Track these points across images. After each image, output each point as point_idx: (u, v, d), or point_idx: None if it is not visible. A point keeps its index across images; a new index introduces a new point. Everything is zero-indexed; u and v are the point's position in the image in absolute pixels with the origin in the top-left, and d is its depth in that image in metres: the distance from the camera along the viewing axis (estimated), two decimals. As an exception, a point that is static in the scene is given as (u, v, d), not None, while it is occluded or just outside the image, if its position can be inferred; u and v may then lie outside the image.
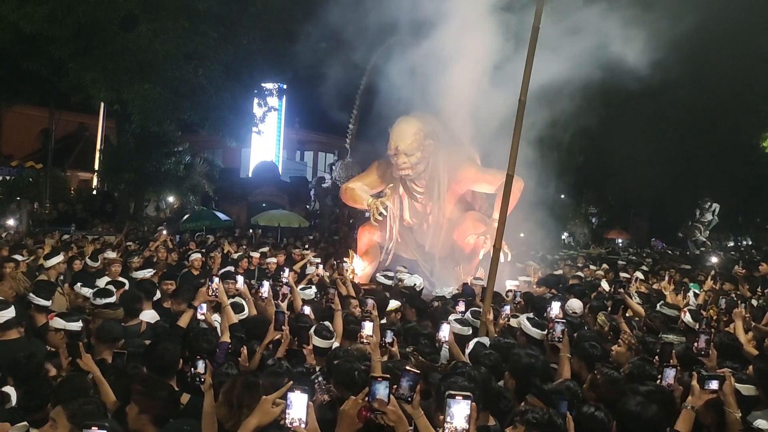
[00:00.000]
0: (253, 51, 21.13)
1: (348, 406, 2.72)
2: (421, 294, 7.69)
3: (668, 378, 3.66)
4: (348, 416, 2.70)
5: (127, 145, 23.04)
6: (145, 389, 3.21)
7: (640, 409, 2.95)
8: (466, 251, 10.04)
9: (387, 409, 2.61)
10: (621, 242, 32.36)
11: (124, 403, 3.28)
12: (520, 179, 10.21)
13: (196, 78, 19.16)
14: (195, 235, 17.57)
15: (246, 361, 3.81)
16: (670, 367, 3.73)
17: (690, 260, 20.67)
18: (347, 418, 2.70)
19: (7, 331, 4.43)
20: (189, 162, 25.32)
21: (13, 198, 21.89)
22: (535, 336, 4.95)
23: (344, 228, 24.07)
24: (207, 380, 3.41)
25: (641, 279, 10.75)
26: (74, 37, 17.77)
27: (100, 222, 22.22)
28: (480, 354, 4.30)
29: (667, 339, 4.97)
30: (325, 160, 42.44)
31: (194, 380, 3.52)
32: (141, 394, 3.18)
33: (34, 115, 30.50)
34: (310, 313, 5.54)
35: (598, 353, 4.31)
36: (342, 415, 2.74)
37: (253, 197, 27.92)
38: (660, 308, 6.62)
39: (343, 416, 2.73)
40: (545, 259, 15.16)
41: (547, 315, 5.63)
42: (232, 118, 21.33)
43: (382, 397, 2.62)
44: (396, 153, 9.68)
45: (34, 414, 3.19)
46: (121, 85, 18.32)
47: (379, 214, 9.99)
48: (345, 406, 2.75)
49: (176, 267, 9.63)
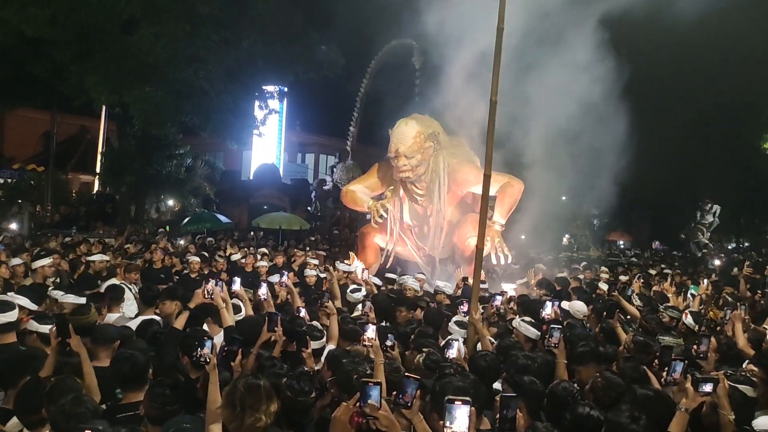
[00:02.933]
0: (254, 54, 21.18)
1: (340, 412, 2.72)
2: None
3: (676, 371, 3.65)
4: (340, 422, 2.70)
5: (129, 148, 23.07)
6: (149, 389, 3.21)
7: (630, 422, 2.93)
8: (466, 253, 10.04)
9: (378, 414, 2.61)
10: (623, 244, 32.35)
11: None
12: (520, 181, 10.24)
13: (198, 81, 19.19)
14: (196, 238, 17.59)
15: (239, 366, 3.79)
16: (679, 360, 3.71)
17: (692, 262, 20.66)
18: (339, 423, 2.70)
19: (7, 334, 4.33)
20: (190, 164, 25.36)
21: (15, 201, 21.92)
22: (532, 336, 4.97)
23: (345, 230, 24.11)
24: (212, 361, 3.40)
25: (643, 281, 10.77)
26: (76, 40, 17.81)
27: (101, 224, 22.26)
28: (476, 355, 4.30)
29: (664, 341, 4.97)
30: (326, 162, 42.46)
31: (199, 360, 3.48)
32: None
33: (36, 118, 30.56)
34: (305, 315, 5.54)
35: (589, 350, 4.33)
36: (334, 421, 2.74)
37: (255, 199, 27.97)
38: (664, 310, 6.63)
39: (335, 422, 2.73)
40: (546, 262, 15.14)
41: (541, 317, 5.66)
42: (233, 121, 21.35)
43: (373, 402, 2.62)
44: (396, 155, 9.70)
45: (30, 416, 3.17)
46: (123, 88, 18.34)
47: (380, 217, 10.01)
48: (337, 411, 2.75)
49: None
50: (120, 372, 3.61)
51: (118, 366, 3.65)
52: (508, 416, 2.96)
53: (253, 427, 2.91)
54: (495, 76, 5.15)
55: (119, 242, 14.14)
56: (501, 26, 5.15)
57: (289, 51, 22.15)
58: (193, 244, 14.98)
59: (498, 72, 5.13)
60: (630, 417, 2.92)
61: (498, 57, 5.13)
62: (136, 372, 3.60)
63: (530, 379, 3.45)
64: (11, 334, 4.34)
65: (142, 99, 18.34)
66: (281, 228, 21.69)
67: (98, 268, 8.79)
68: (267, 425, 2.95)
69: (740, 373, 3.90)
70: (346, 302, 7.05)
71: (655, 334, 5.41)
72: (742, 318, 5.69)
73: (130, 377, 3.59)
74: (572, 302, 6.69)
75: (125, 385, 3.62)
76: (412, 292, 7.93)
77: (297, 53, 22.44)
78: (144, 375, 3.64)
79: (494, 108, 5.17)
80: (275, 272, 9.59)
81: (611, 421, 2.97)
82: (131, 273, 8.25)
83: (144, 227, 21.35)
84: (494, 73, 5.15)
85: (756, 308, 8.45)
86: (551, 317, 5.74)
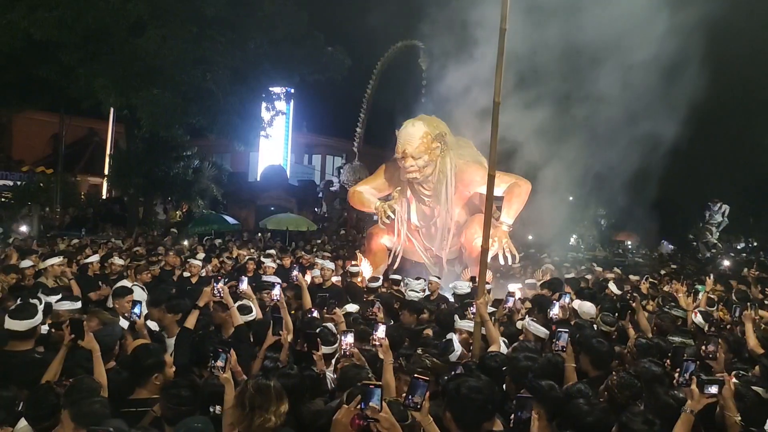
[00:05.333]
0: (260, 55, 21.25)
1: (341, 415, 2.72)
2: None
3: (688, 372, 3.63)
4: (341, 424, 2.69)
5: (137, 150, 23.19)
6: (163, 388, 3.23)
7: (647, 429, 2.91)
8: (473, 254, 10.01)
9: (380, 417, 2.60)
10: (630, 244, 32.22)
11: None
12: (527, 181, 10.21)
13: (205, 83, 19.27)
14: (203, 239, 17.65)
15: (236, 367, 3.80)
16: (691, 361, 3.69)
17: (700, 262, 20.56)
18: (340, 426, 2.70)
19: (28, 340, 4.21)
20: (197, 166, 25.44)
21: (24, 203, 22.06)
22: (541, 335, 4.96)
23: (352, 231, 24.13)
24: (226, 373, 3.43)
25: (652, 281, 10.74)
26: (83, 43, 17.93)
27: (110, 226, 22.37)
28: (486, 356, 4.29)
29: (675, 341, 4.96)
30: (333, 163, 42.54)
31: (212, 371, 3.50)
32: None
33: (45, 120, 30.80)
34: (318, 316, 5.54)
35: (605, 349, 4.30)
36: (335, 424, 2.73)
37: (262, 201, 28.04)
38: (669, 310, 6.60)
39: (336, 424, 2.72)
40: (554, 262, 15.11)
41: (549, 316, 5.65)
42: (240, 123, 21.42)
43: (374, 404, 2.61)
44: (403, 156, 9.68)
45: (41, 423, 3.18)
46: (130, 91, 18.45)
47: (387, 218, 10.00)
48: (338, 414, 2.74)
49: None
50: (137, 362, 3.67)
51: (138, 355, 3.71)
52: (523, 418, 2.95)
53: (263, 428, 2.92)
54: (498, 78, 5.13)
55: (128, 244, 14.20)
56: (504, 27, 5.13)
57: (296, 52, 22.21)
58: (201, 245, 15.02)
59: (501, 73, 5.12)
60: (645, 422, 2.90)
61: (501, 58, 5.12)
62: (152, 365, 3.66)
63: (549, 385, 3.43)
64: (28, 341, 4.23)
65: (150, 101, 18.43)
66: (288, 229, 21.73)
67: (115, 270, 8.87)
68: (276, 426, 2.96)
69: (752, 374, 3.88)
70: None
71: (667, 333, 5.40)
72: (753, 318, 5.67)
73: (144, 370, 3.65)
74: (581, 303, 6.66)
75: (136, 378, 3.66)
76: (435, 285, 8.26)
77: (303, 54, 22.49)
78: (151, 372, 3.68)
79: (497, 109, 5.16)
80: (283, 273, 9.59)
81: (626, 427, 2.95)
82: (143, 274, 8.30)
83: (152, 229, 21.43)
84: (497, 74, 5.14)
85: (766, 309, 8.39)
86: (559, 317, 5.72)
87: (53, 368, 3.77)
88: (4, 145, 32.93)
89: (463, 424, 2.90)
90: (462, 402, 2.91)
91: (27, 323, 4.18)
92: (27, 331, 4.18)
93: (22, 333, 4.16)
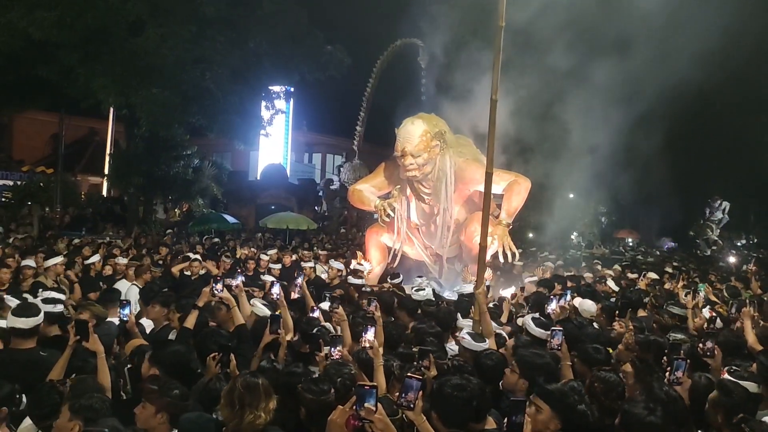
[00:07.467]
0: (260, 54, 21.23)
1: (336, 416, 2.72)
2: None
3: (679, 370, 3.64)
4: (336, 425, 2.70)
5: (137, 149, 23.16)
6: (159, 388, 3.25)
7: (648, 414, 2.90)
8: (473, 252, 9.99)
9: (374, 418, 2.61)
10: (631, 241, 32.21)
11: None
12: (527, 179, 10.21)
13: (204, 82, 19.25)
14: (203, 238, 17.66)
15: (235, 371, 3.80)
16: (681, 359, 3.70)
17: (701, 259, 20.56)
18: (335, 427, 2.70)
19: (31, 338, 4.19)
20: (197, 165, 25.43)
21: (25, 203, 22.05)
22: (540, 336, 4.96)
23: (352, 229, 24.16)
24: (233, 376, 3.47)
25: (652, 278, 10.74)
26: (83, 42, 17.90)
27: (110, 226, 22.37)
28: (482, 354, 4.29)
29: (675, 339, 4.97)
30: (333, 162, 42.57)
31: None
32: (155, 393, 3.19)
33: (44, 120, 30.82)
34: (319, 315, 5.54)
35: (601, 357, 4.29)
36: (330, 425, 2.73)
37: (262, 200, 28.07)
38: (667, 307, 6.61)
39: (330, 425, 2.73)
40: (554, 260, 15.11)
41: (546, 312, 5.67)
42: (239, 122, 21.41)
43: (369, 405, 2.62)
44: (403, 155, 9.67)
45: (45, 421, 3.18)
46: (130, 90, 18.43)
47: (387, 216, 10.00)
48: (333, 415, 2.75)
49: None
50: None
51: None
52: (517, 421, 2.95)
53: (252, 425, 2.94)
54: (495, 75, 5.14)
55: (128, 244, 14.19)
56: (501, 24, 5.14)
57: (295, 51, 22.17)
58: (201, 244, 15.02)
59: (498, 70, 5.12)
60: (646, 408, 2.90)
61: (498, 55, 5.12)
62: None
63: (561, 391, 3.42)
64: (31, 340, 4.20)
65: (149, 100, 18.41)
66: (288, 228, 21.73)
67: (120, 270, 8.84)
68: (266, 423, 2.98)
69: (745, 370, 3.89)
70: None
71: (668, 330, 5.41)
72: (752, 315, 5.67)
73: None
74: (582, 301, 6.66)
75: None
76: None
77: (303, 53, 22.46)
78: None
79: (494, 106, 5.17)
80: (283, 272, 9.58)
81: (628, 413, 2.95)
82: (143, 275, 8.29)
83: (152, 228, 21.43)
84: (494, 71, 5.15)
85: (764, 306, 8.39)
86: (556, 313, 5.74)
87: (58, 368, 3.78)
88: (5, 145, 32.97)
89: (449, 423, 2.91)
90: (445, 401, 2.92)
91: (32, 321, 4.17)
92: (30, 329, 4.17)
93: (25, 330, 4.15)
